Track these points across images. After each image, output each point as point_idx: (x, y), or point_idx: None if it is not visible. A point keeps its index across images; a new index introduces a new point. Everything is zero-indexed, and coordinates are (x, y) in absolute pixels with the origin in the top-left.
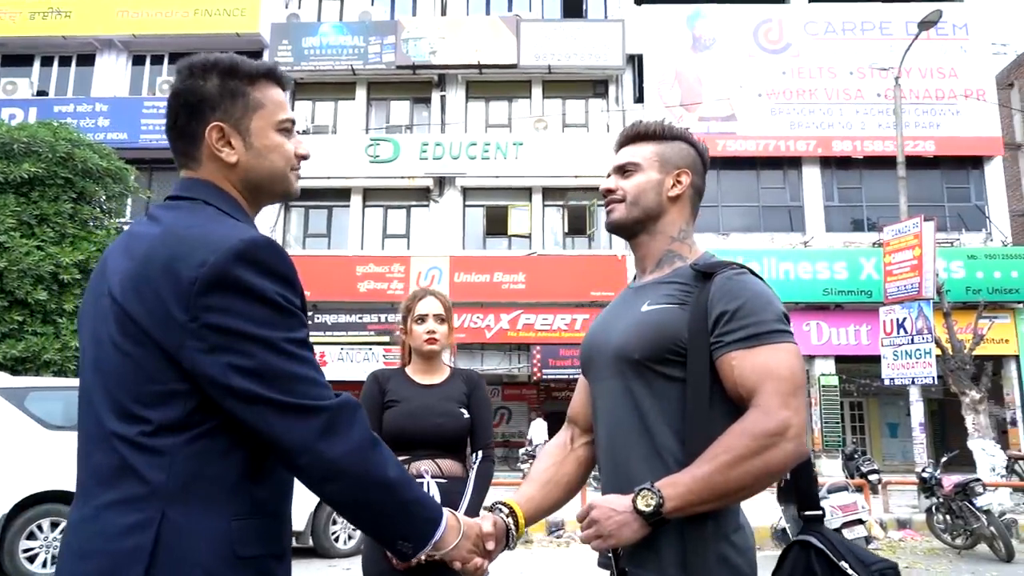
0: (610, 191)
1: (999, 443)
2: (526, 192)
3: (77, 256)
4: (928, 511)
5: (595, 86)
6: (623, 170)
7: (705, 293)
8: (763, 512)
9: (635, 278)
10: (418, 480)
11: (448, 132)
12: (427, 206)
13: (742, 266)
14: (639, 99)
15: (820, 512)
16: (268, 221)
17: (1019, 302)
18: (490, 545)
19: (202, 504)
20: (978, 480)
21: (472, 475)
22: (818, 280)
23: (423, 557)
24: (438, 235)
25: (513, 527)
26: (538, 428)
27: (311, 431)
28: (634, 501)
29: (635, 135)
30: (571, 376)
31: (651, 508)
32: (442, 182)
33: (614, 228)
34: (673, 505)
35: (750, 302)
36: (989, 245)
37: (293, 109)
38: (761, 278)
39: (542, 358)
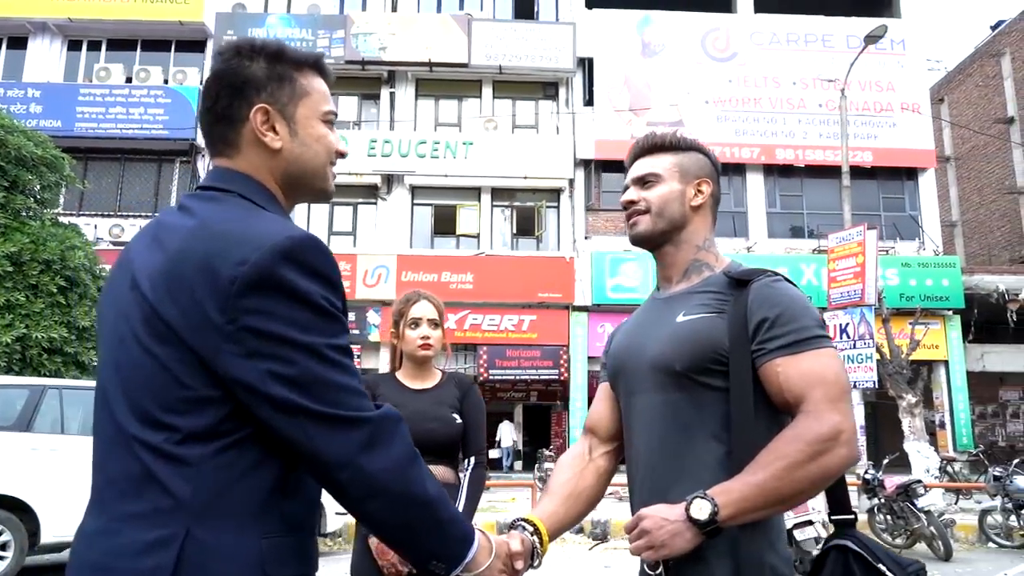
0: (632, 203)
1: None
2: (475, 192)
3: (9, 248)
4: (870, 511)
5: (545, 88)
6: (643, 181)
7: (743, 301)
8: None
9: (658, 288)
10: None
11: (397, 129)
12: (375, 204)
13: (776, 273)
14: (589, 102)
15: (852, 516)
16: None
17: (948, 309)
18: (519, 564)
19: (230, 521)
20: (919, 482)
21: (465, 482)
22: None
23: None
24: (385, 233)
25: (538, 544)
26: (506, 430)
27: (353, 444)
28: (687, 509)
29: (651, 147)
30: (517, 377)
31: (706, 516)
32: (390, 180)
33: (640, 240)
34: (727, 513)
35: (790, 308)
36: (921, 254)
37: None
38: (795, 284)
39: (488, 359)
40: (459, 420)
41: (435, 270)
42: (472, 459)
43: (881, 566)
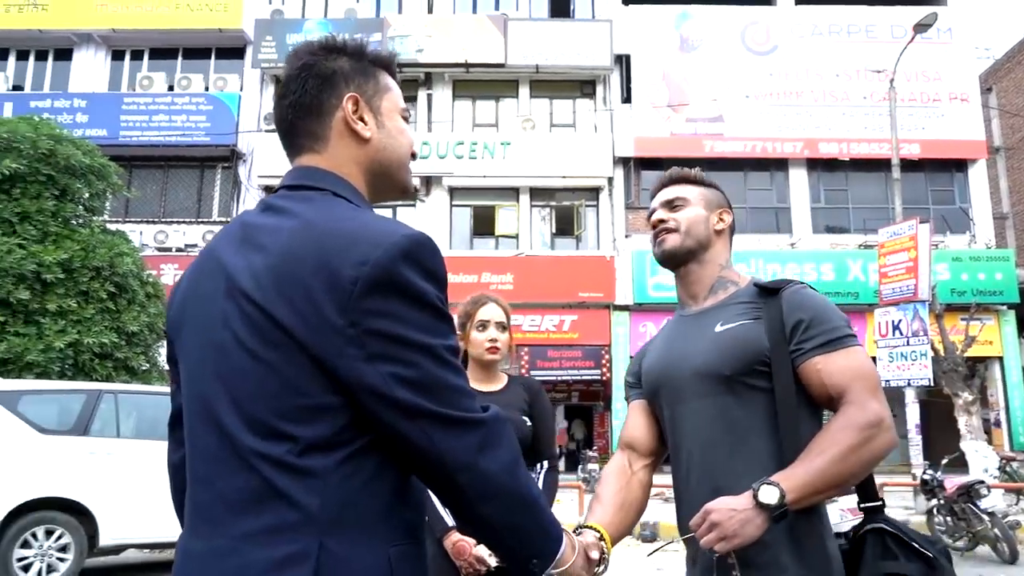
0: (662, 221)
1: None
2: (513, 192)
3: (60, 255)
4: (928, 512)
5: (583, 86)
6: (672, 204)
7: (776, 306)
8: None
9: (683, 306)
10: None
11: (435, 131)
12: (414, 206)
13: (801, 282)
14: (627, 99)
15: (880, 503)
16: None
17: (1003, 304)
18: (594, 554)
19: (360, 532)
20: (982, 482)
21: (539, 486)
22: (805, 281)
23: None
24: None
25: (605, 549)
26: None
27: (471, 446)
28: (755, 496)
29: (679, 178)
30: (558, 378)
31: (776, 500)
32: (429, 182)
33: (667, 256)
34: (793, 496)
35: (822, 312)
36: (973, 247)
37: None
38: (816, 291)
39: (530, 359)
40: (529, 423)
41: (475, 271)
42: (545, 463)
43: (915, 544)
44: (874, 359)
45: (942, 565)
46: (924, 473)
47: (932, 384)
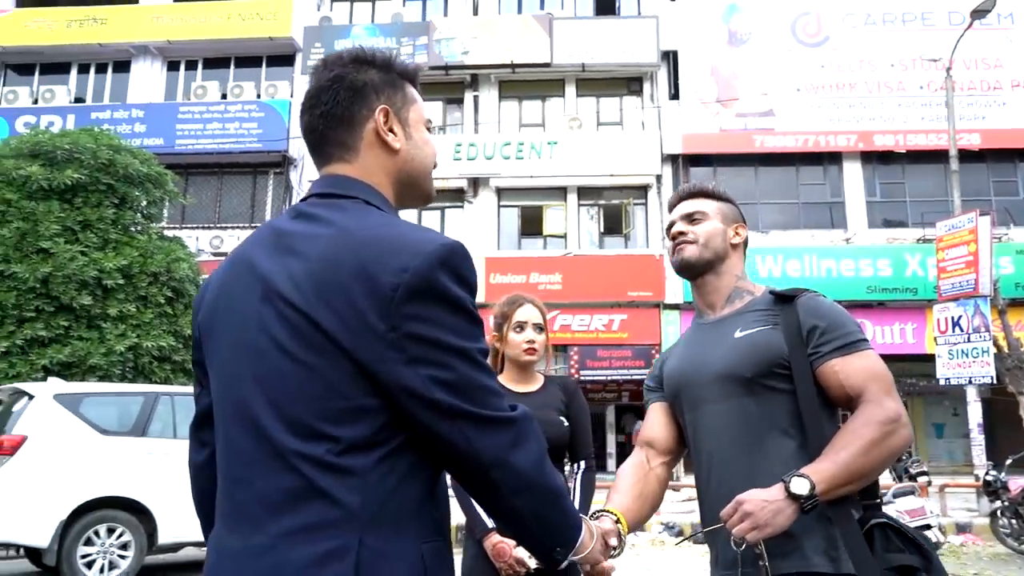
0: (681, 234)
1: None
2: (561, 192)
3: (120, 261)
4: (992, 515)
5: (629, 83)
6: (691, 218)
7: (793, 313)
8: None
9: (701, 315)
10: None
11: (481, 132)
12: (461, 207)
13: (814, 291)
14: (674, 96)
15: (879, 500)
16: None
17: None
18: (612, 541)
19: (395, 528)
20: None
21: (577, 485)
22: (861, 277)
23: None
24: (473, 236)
25: (622, 532)
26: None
27: (504, 444)
28: (787, 488)
29: (698, 192)
30: (608, 378)
31: (807, 491)
32: (476, 183)
33: (685, 266)
34: (822, 488)
35: (837, 318)
36: None
37: None
38: (829, 299)
39: (580, 359)
40: (566, 423)
41: (523, 271)
42: (582, 462)
43: (915, 538)
44: (934, 356)
45: (934, 556)
46: (987, 474)
47: (995, 382)
